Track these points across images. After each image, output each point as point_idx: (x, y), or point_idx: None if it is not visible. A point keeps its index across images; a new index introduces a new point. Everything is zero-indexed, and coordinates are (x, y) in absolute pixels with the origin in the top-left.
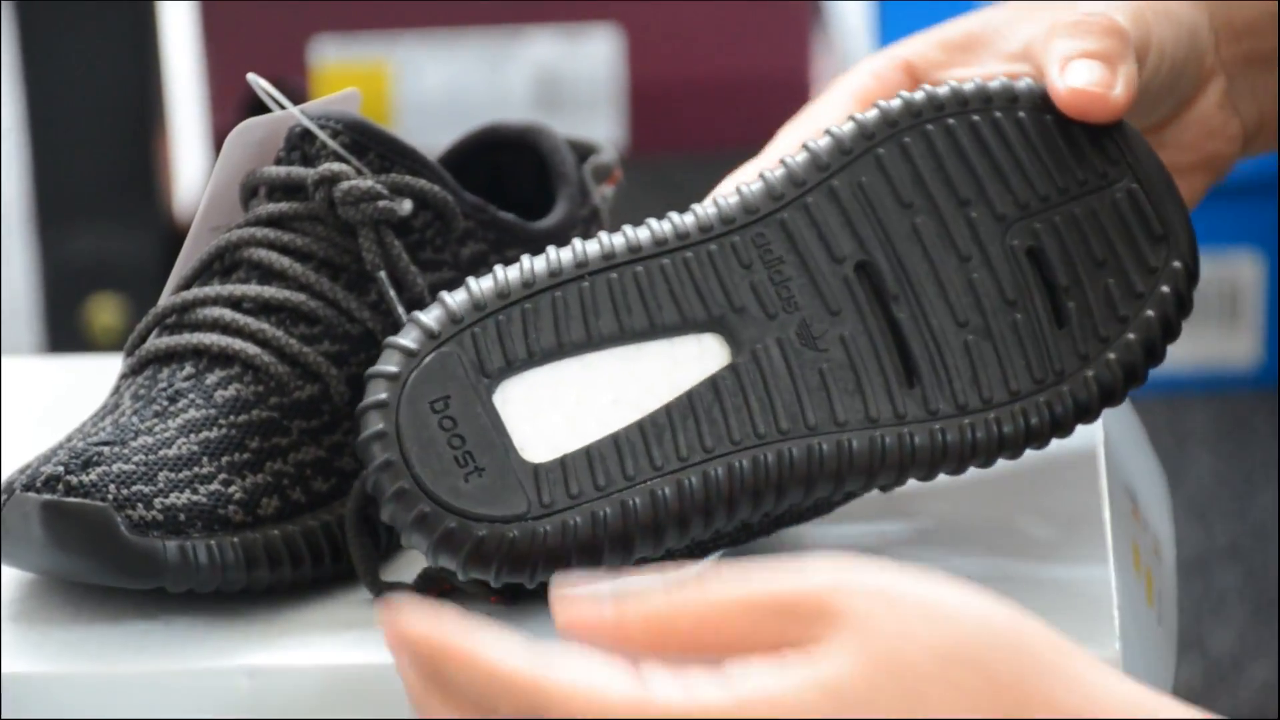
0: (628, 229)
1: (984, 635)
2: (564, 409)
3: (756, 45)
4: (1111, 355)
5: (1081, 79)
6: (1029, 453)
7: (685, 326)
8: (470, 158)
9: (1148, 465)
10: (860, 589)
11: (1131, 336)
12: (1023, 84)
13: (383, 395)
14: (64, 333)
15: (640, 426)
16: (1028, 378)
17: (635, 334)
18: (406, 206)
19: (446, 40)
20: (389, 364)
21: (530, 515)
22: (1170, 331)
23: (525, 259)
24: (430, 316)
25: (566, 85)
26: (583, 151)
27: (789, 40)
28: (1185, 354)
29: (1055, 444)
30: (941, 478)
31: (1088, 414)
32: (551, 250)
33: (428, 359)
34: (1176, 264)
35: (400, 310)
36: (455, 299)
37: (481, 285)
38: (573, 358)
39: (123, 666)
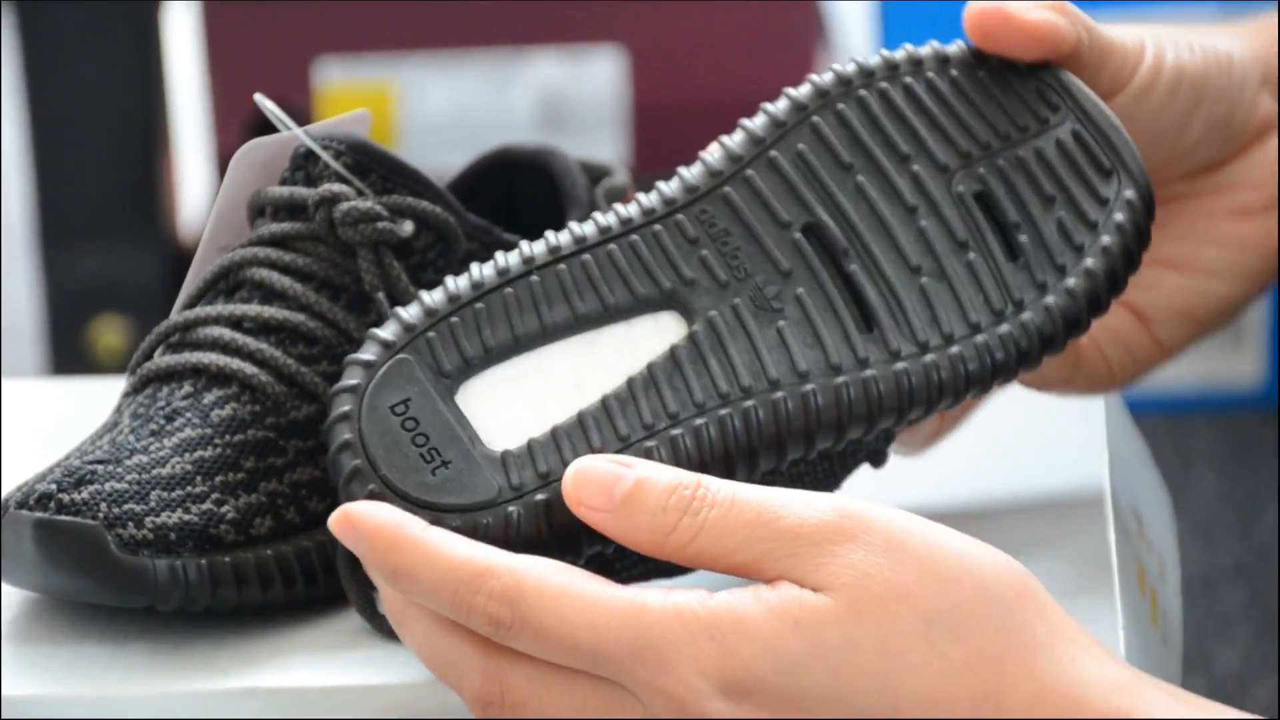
0: (573, 225)
1: (978, 603)
2: (527, 399)
3: (760, 65)
4: (1071, 282)
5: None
6: (1034, 468)
7: (639, 307)
8: (483, 179)
9: (1152, 485)
10: (866, 534)
11: (1090, 263)
12: (954, 46)
13: (345, 407)
14: (68, 354)
15: (604, 402)
16: (986, 310)
17: (590, 320)
18: (407, 228)
19: (450, 61)
20: (349, 378)
21: (501, 499)
22: (1130, 260)
23: (474, 266)
24: (385, 329)
25: (570, 106)
26: (596, 174)
27: (792, 60)
28: (1189, 374)
29: (1060, 463)
30: (944, 496)
31: (1052, 344)
32: (500, 255)
33: (385, 367)
34: (1129, 193)
35: None
36: (408, 310)
37: (433, 294)
38: (530, 351)
39: (126, 688)
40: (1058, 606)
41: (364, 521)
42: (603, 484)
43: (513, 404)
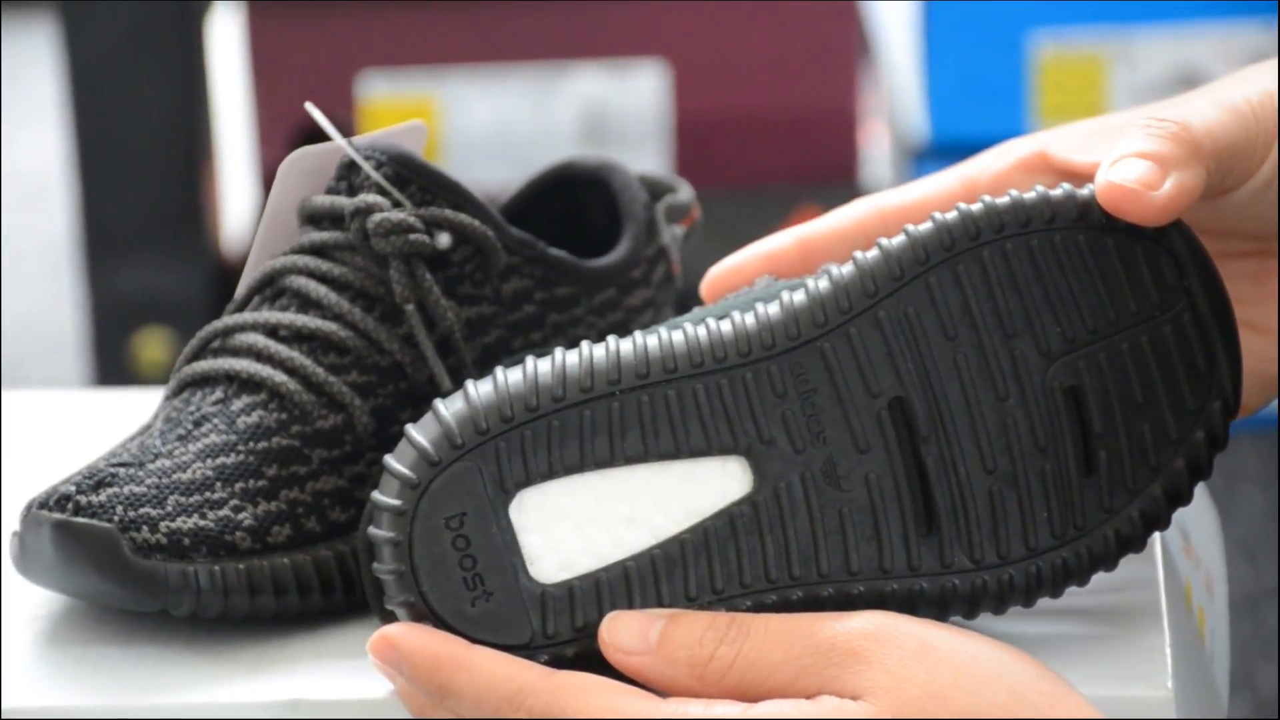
0: (662, 334)
1: (1013, 706)
2: (577, 521)
3: (803, 81)
4: (1135, 510)
5: (1123, 175)
6: None
7: (710, 450)
8: (546, 194)
9: (1200, 502)
10: (899, 640)
11: (1158, 489)
12: (1086, 192)
13: (398, 502)
14: (112, 367)
15: (651, 558)
16: (1048, 533)
17: (659, 454)
18: (444, 240)
19: (494, 76)
20: (407, 465)
21: (534, 644)
22: (1199, 474)
23: (558, 354)
24: (454, 415)
25: (613, 121)
26: (658, 190)
27: (836, 76)
28: None
29: None
30: None
31: (1105, 564)
32: (586, 351)
33: (449, 470)
34: (1216, 404)
35: (428, 344)
36: (482, 399)
37: (510, 388)
38: (592, 471)
39: (161, 698)
40: (1092, 709)
41: (406, 644)
42: (639, 628)
43: (562, 523)
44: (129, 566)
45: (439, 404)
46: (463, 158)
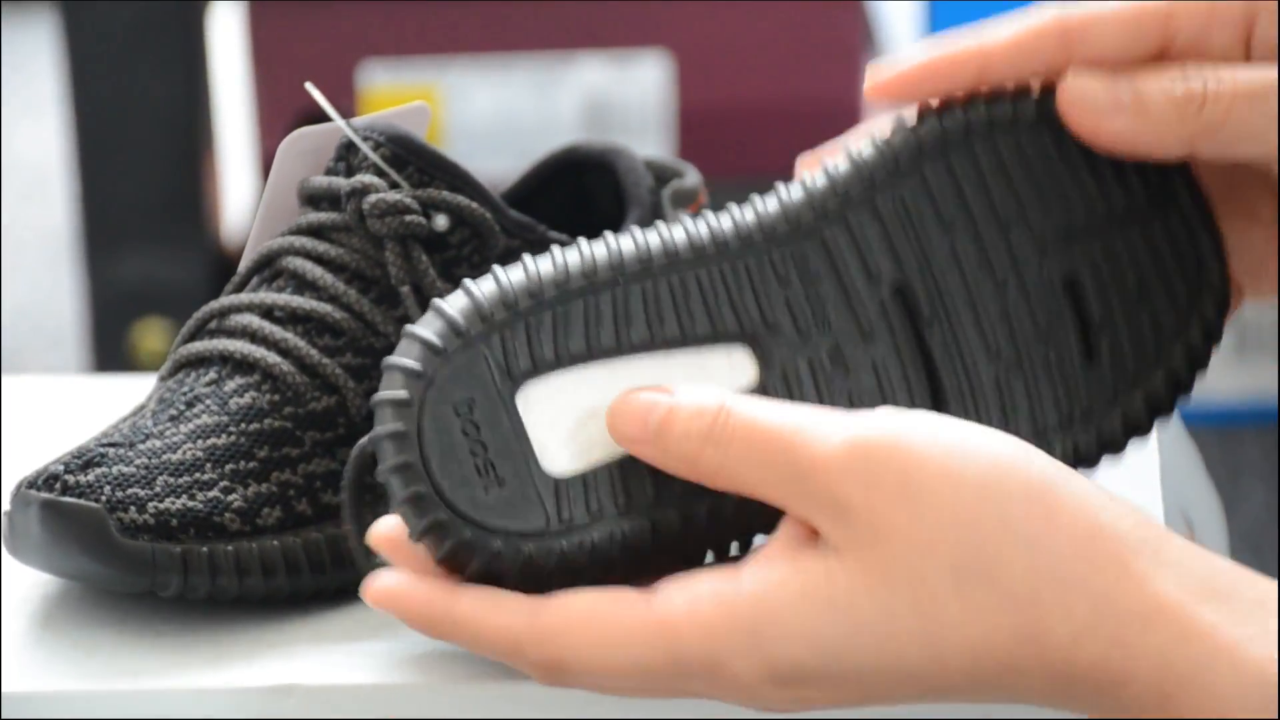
0: (662, 228)
1: (1002, 543)
2: (586, 415)
3: (806, 71)
4: (1139, 394)
5: (1083, 92)
6: (1083, 472)
7: (716, 338)
8: (552, 178)
9: (1204, 492)
10: (880, 481)
11: (1160, 376)
12: None
13: (404, 394)
14: (111, 357)
15: None
16: (1054, 414)
17: (666, 342)
18: (442, 222)
19: (496, 65)
20: (411, 358)
21: (549, 531)
22: (1199, 364)
23: (557, 251)
24: (457, 309)
25: (616, 111)
26: (665, 175)
27: (839, 66)
28: (1238, 385)
29: (1111, 467)
30: None
31: (1113, 448)
32: (585, 246)
33: (455, 358)
34: (1209, 299)
35: None
36: (484, 290)
37: (512, 280)
38: (597, 362)
39: (157, 682)
40: (1083, 495)
41: (397, 604)
42: (639, 415)
43: (571, 418)
44: (116, 546)
45: (439, 301)
46: (465, 148)
